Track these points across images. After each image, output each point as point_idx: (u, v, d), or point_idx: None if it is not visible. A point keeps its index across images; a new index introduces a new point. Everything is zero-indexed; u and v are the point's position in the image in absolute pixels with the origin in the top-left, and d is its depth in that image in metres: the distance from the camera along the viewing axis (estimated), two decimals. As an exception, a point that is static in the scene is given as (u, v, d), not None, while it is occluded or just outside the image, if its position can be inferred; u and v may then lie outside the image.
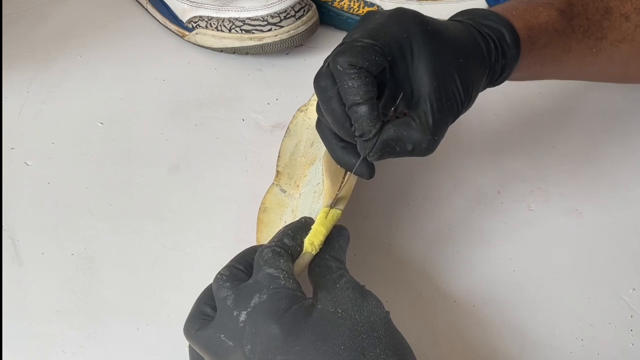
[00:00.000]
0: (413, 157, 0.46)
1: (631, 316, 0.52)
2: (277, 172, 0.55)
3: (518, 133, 0.63)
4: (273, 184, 0.55)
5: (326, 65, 0.45)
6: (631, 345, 0.50)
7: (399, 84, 0.45)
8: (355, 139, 0.45)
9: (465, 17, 0.49)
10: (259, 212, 0.54)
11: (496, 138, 0.62)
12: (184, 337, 0.43)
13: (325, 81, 0.45)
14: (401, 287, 0.53)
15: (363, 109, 0.43)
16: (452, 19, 0.50)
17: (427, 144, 0.44)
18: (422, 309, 0.52)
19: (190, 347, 0.45)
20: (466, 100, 0.46)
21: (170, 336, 0.49)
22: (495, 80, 0.49)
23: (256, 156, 0.61)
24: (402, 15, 0.45)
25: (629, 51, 0.54)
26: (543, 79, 0.56)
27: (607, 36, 0.53)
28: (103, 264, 0.54)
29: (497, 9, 0.50)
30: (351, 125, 0.44)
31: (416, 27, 0.45)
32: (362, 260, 0.54)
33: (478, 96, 0.52)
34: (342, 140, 0.46)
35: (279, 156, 0.56)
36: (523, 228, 0.57)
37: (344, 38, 0.46)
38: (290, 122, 0.58)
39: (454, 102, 0.45)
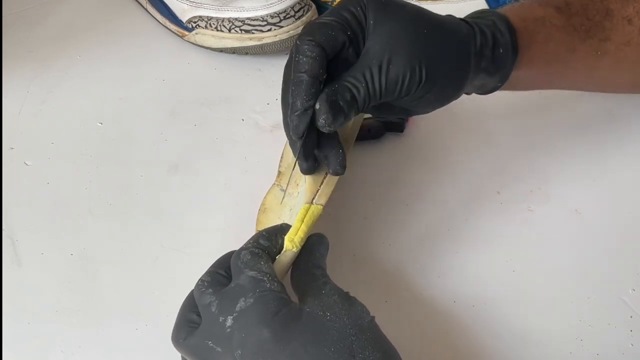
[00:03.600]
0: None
1: (631, 317, 0.52)
2: (279, 172, 0.55)
3: (518, 133, 0.63)
4: (274, 184, 0.55)
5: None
6: (631, 345, 0.50)
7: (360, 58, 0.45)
8: (289, 117, 0.45)
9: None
10: (258, 213, 0.53)
11: (496, 138, 0.62)
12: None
13: (289, 61, 0.46)
14: (401, 287, 0.53)
15: (304, 81, 0.44)
16: None
17: (359, 89, 0.44)
18: (422, 309, 0.52)
19: (182, 357, 0.45)
20: (420, 67, 0.45)
21: (170, 336, 0.49)
22: (496, 71, 0.49)
23: (256, 156, 0.61)
24: None
25: (635, 56, 0.53)
26: (551, 87, 0.56)
27: (610, 37, 0.52)
28: (103, 264, 0.54)
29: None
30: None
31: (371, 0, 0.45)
32: (362, 260, 0.54)
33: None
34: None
35: (281, 157, 0.56)
36: (523, 228, 0.57)
37: None
38: None
39: (401, 63, 0.44)
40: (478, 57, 0.47)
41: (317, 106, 0.44)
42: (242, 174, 0.60)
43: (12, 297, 0.52)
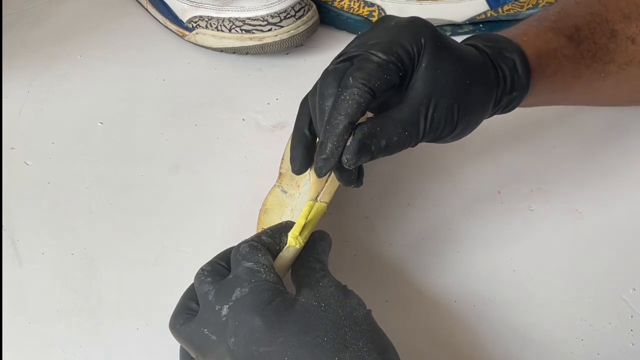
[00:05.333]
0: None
1: (631, 316, 0.52)
2: (280, 174, 0.55)
3: (518, 133, 0.63)
4: (275, 185, 0.55)
5: (341, 61, 0.45)
6: (631, 345, 0.50)
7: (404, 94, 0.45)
8: (316, 155, 0.45)
9: (481, 42, 0.49)
10: (259, 214, 0.53)
11: (496, 138, 0.62)
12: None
13: (332, 81, 0.45)
14: (401, 287, 0.53)
15: (340, 125, 0.43)
16: (467, 42, 0.50)
17: (398, 138, 0.44)
18: (422, 309, 0.52)
19: (181, 347, 0.45)
20: (457, 118, 0.46)
21: (170, 336, 0.48)
22: (504, 108, 0.50)
23: (256, 156, 0.61)
24: (417, 26, 0.45)
25: (636, 74, 0.54)
26: (550, 105, 0.57)
27: (614, 59, 0.53)
28: (103, 263, 0.54)
29: (509, 33, 0.50)
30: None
31: (428, 39, 0.45)
32: (363, 260, 0.54)
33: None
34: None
35: (282, 158, 0.56)
36: (523, 228, 0.57)
37: (356, 44, 0.45)
38: None
39: (443, 115, 0.45)
40: (497, 101, 0.48)
41: (348, 143, 0.44)
42: (242, 173, 0.60)
43: (13, 297, 0.52)
